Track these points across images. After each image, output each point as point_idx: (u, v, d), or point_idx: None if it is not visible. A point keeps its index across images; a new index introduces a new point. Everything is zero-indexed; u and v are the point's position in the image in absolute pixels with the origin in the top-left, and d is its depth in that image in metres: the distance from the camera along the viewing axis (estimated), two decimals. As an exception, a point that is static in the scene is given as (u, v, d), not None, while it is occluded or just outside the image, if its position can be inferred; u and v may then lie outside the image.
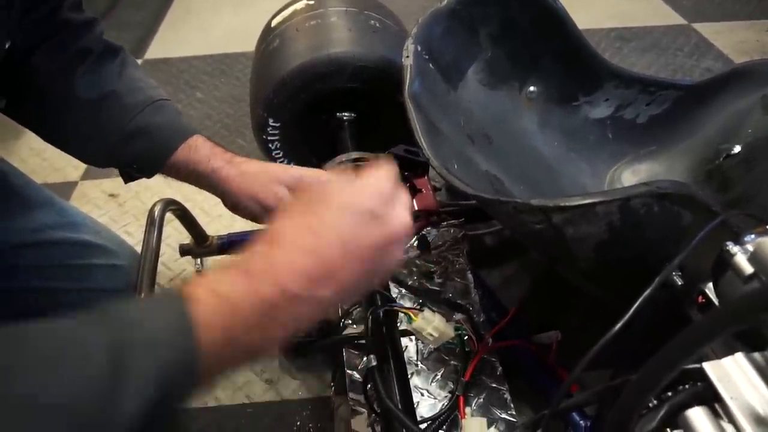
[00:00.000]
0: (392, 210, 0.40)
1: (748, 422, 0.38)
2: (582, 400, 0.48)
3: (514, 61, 0.88)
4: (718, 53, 1.57)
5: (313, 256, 0.36)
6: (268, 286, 0.35)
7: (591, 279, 0.61)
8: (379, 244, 0.38)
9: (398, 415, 0.50)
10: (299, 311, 0.36)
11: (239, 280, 0.35)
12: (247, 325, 0.34)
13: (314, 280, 0.36)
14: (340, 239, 0.37)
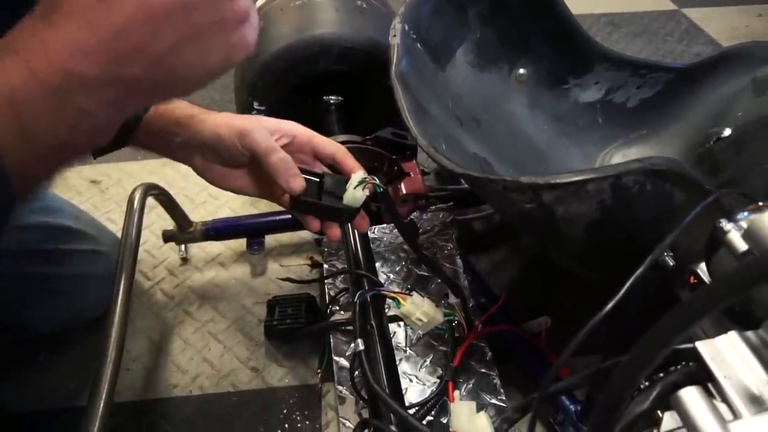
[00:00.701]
0: None
1: (742, 401, 0.37)
2: (572, 383, 0.47)
3: (503, 43, 0.86)
4: (708, 38, 1.56)
5: (93, 25, 0.29)
6: (47, 70, 0.29)
7: (581, 261, 0.60)
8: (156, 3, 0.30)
9: (386, 400, 0.49)
10: (104, 95, 0.31)
11: (15, 65, 0.29)
12: (44, 121, 0.30)
13: (102, 51, 0.30)
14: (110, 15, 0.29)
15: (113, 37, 0.30)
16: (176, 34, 0.31)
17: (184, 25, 0.31)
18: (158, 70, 0.31)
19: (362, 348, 0.55)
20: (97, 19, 0.30)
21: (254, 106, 0.90)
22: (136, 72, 0.31)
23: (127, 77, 0.31)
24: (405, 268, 0.83)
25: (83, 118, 0.31)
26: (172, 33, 0.31)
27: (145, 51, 0.30)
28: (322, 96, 0.92)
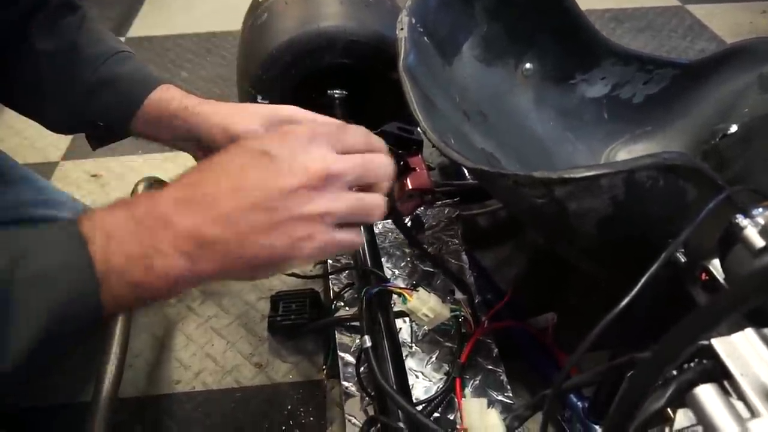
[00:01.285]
0: (298, 154, 0.37)
1: (759, 399, 0.37)
2: (585, 380, 0.47)
3: (510, 37, 0.86)
4: (711, 35, 1.55)
5: (195, 187, 0.36)
6: (146, 214, 0.35)
7: (591, 257, 0.60)
8: (276, 188, 0.36)
9: (393, 396, 0.48)
10: (182, 245, 0.35)
11: (121, 211, 0.35)
12: (127, 255, 0.34)
13: (194, 209, 0.35)
14: (226, 173, 0.37)
15: (207, 202, 0.35)
16: (261, 210, 0.36)
17: (274, 211, 0.36)
18: (235, 239, 0.35)
19: (369, 344, 0.54)
20: (199, 183, 0.36)
21: (258, 99, 0.89)
22: (216, 233, 0.35)
23: (206, 236, 0.35)
24: (410, 263, 0.82)
25: (159, 261, 0.34)
26: (254, 207, 0.36)
27: (229, 219, 0.35)
28: (326, 90, 0.91)
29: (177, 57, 1.50)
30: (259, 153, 0.37)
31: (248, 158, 0.37)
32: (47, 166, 1.14)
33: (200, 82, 1.39)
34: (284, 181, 0.36)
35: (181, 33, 1.60)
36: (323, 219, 0.37)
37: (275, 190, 0.36)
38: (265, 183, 0.36)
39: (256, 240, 0.36)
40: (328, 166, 0.37)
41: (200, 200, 0.35)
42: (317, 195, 0.37)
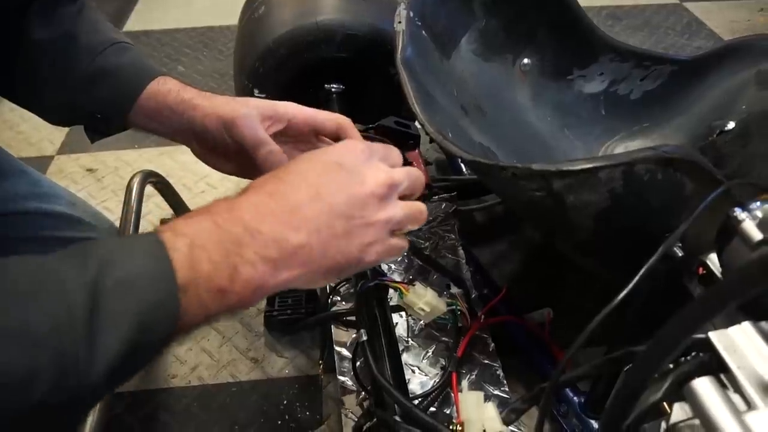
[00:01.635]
0: (364, 167, 0.40)
1: (756, 391, 0.37)
2: (581, 374, 0.47)
3: (508, 32, 0.85)
4: (709, 32, 1.56)
5: (276, 195, 0.37)
6: (229, 221, 0.35)
7: (588, 251, 0.60)
8: (354, 195, 0.38)
9: (390, 390, 0.48)
10: (267, 252, 0.35)
11: (202, 219, 0.35)
12: (213, 262, 0.33)
13: (278, 216, 0.36)
14: (305, 182, 0.38)
15: (290, 209, 0.36)
16: (338, 216, 0.37)
17: (349, 218, 0.38)
18: (318, 245, 0.37)
19: (365, 338, 0.54)
20: (279, 191, 0.37)
21: (254, 93, 0.89)
22: (301, 239, 0.36)
23: (291, 242, 0.36)
24: (406, 258, 0.82)
25: (244, 268, 0.34)
26: (333, 214, 0.37)
27: (313, 225, 0.36)
28: (323, 84, 0.91)
29: (174, 51, 1.49)
30: (333, 163, 0.39)
31: (323, 168, 0.39)
32: (42, 160, 1.13)
33: (197, 76, 1.39)
34: (359, 190, 0.39)
35: (178, 27, 1.59)
36: (386, 225, 0.40)
37: (353, 197, 0.38)
38: (343, 191, 0.38)
39: (337, 245, 0.38)
40: (391, 176, 0.40)
41: (283, 207, 0.36)
42: (384, 203, 0.40)
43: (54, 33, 0.55)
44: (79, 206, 0.79)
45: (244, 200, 0.37)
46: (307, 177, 0.38)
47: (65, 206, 0.75)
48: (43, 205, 0.72)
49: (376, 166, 0.41)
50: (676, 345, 0.30)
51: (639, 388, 0.32)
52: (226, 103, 0.54)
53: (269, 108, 0.54)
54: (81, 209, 0.78)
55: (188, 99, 0.55)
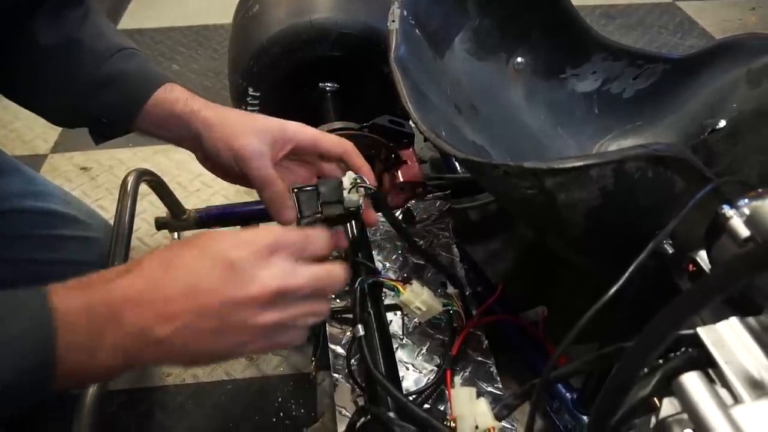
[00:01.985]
0: (257, 267, 0.39)
1: (743, 386, 0.37)
2: (573, 369, 0.47)
3: (501, 32, 0.86)
4: (701, 31, 1.57)
5: (154, 284, 0.37)
6: (100, 304, 0.36)
7: (580, 249, 0.60)
8: (230, 298, 0.38)
9: (386, 385, 0.49)
10: (126, 342, 0.36)
11: (78, 295, 0.36)
12: (78, 342, 0.35)
13: (148, 306, 0.36)
14: (187, 276, 0.38)
15: (162, 301, 0.37)
16: (209, 318, 0.37)
17: (219, 320, 0.38)
18: (179, 337, 0.37)
19: (362, 333, 0.54)
20: (158, 280, 0.37)
21: (249, 92, 0.89)
22: (164, 333, 0.36)
23: (153, 335, 0.36)
24: (401, 256, 0.82)
25: (101, 354, 0.35)
26: (204, 316, 0.37)
27: (179, 321, 0.36)
28: (317, 83, 0.91)
29: (168, 50, 1.49)
30: (224, 260, 0.38)
31: (211, 264, 0.38)
32: (35, 158, 1.13)
33: (191, 75, 1.39)
34: (239, 292, 0.38)
35: (173, 26, 1.59)
36: (267, 328, 0.39)
37: (229, 299, 0.38)
38: (221, 291, 0.38)
39: (199, 343, 0.38)
40: (284, 283, 0.39)
41: (156, 297, 0.37)
42: (267, 309, 0.39)
43: (60, 38, 0.56)
44: (73, 205, 0.79)
45: (121, 282, 0.37)
46: (190, 271, 0.38)
47: (60, 204, 0.75)
48: (38, 204, 0.72)
49: (273, 268, 0.39)
50: (663, 339, 0.31)
51: (627, 383, 0.32)
52: (237, 131, 0.54)
53: (278, 135, 0.55)
54: (75, 208, 0.78)
55: (197, 110, 0.55)
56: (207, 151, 0.56)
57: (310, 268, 0.42)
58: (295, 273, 0.40)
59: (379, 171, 0.77)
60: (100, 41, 0.57)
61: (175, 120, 0.56)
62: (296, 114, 0.93)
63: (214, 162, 0.56)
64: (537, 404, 0.45)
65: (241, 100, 0.90)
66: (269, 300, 0.38)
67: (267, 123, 0.55)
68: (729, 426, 0.35)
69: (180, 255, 0.39)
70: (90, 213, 0.83)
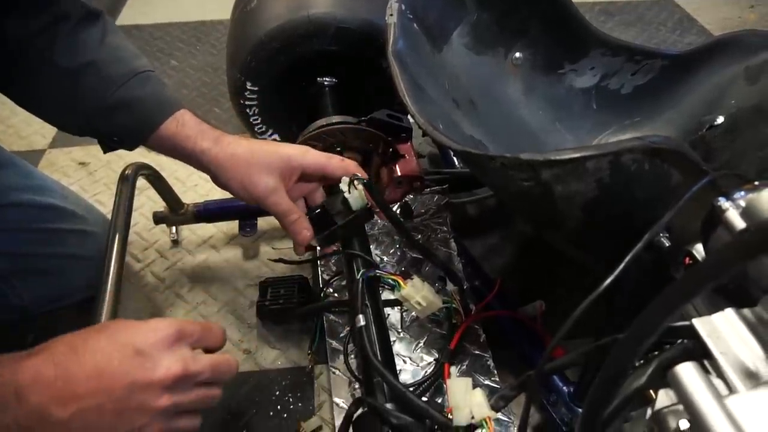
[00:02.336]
0: (162, 353, 0.42)
1: (738, 377, 0.38)
2: (569, 361, 0.47)
3: (500, 26, 0.86)
4: (700, 29, 1.57)
5: (60, 368, 0.39)
6: (6, 382, 0.38)
7: (578, 242, 0.60)
8: (136, 380, 0.41)
9: (383, 372, 0.49)
10: (25, 422, 0.38)
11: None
12: None
13: (51, 387, 0.38)
14: (93, 359, 0.40)
15: (65, 381, 0.39)
16: (113, 402, 0.40)
17: (122, 402, 0.40)
18: (80, 423, 0.39)
19: (363, 323, 0.55)
20: (65, 361, 0.39)
21: (247, 86, 0.89)
22: (63, 416, 0.38)
23: (52, 417, 0.38)
24: (399, 250, 0.83)
25: (3, 423, 0.37)
26: (108, 400, 0.40)
27: (81, 403, 0.39)
28: (315, 77, 0.91)
29: (167, 46, 1.49)
30: (131, 348, 0.41)
31: (119, 351, 0.41)
32: (33, 154, 1.12)
33: (190, 70, 1.38)
34: (145, 376, 0.41)
35: (171, 21, 1.59)
36: (167, 411, 0.42)
37: (134, 381, 0.41)
38: (127, 376, 0.41)
39: (99, 425, 0.40)
40: (186, 368, 0.43)
41: (60, 378, 0.39)
42: (168, 392, 0.42)
43: (79, 61, 0.57)
44: (71, 199, 0.79)
45: (31, 362, 0.39)
46: (97, 355, 0.40)
47: (58, 199, 0.75)
48: (36, 198, 0.72)
49: (176, 355, 0.43)
50: (656, 328, 0.31)
51: (621, 372, 0.32)
52: (251, 173, 0.58)
53: (285, 167, 0.60)
54: (73, 202, 0.79)
55: (206, 150, 0.59)
56: (220, 184, 0.61)
57: (210, 356, 0.46)
58: (196, 360, 0.44)
59: (377, 165, 0.77)
60: (117, 66, 0.59)
61: (185, 154, 0.60)
62: (294, 110, 0.94)
63: (228, 189, 0.61)
64: (533, 395, 0.46)
65: (239, 95, 0.90)
66: (171, 384, 0.42)
67: (271, 158, 0.59)
68: (724, 416, 0.35)
69: (88, 340, 0.42)
70: (88, 207, 0.83)
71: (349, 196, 0.61)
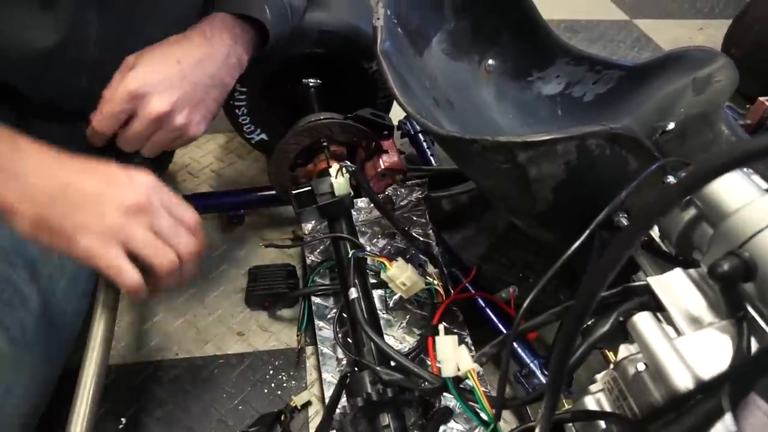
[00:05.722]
0: (135, 181, 0.49)
1: (685, 323, 0.44)
2: (541, 321, 0.53)
3: (475, 34, 0.93)
4: (656, 47, 1.69)
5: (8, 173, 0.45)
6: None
7: (548, 224, 0.67)
8: (104, 192, 0.47)
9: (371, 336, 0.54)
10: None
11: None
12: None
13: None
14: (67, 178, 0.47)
15: (14, 176, 0.44)
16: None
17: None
18: (32, 208, 0.45)
19: (356, 296, 0.59)
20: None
21: (236, 87, 0.93)
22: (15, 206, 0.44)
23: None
24: (381, 240, 0.88)
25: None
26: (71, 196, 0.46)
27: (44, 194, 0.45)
28: (301, 78, 0.96)
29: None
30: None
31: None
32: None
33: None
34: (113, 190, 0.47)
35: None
36: (113, 231, 0.46)
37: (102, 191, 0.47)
38: (96, 176, 0.47)
39: (53, 211, 0.45)
40: (148, 201, 0.48)
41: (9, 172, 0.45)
42: (130, 216, 0.47)
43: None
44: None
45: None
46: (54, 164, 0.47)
47: None
48: None
49: (143, 188, 0.48)
50: (605, 278, 0.34)
51: (580, 318, 0.36)
52: None
53: None
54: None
55: None
56: None
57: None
58: (159, 207, 0.49)
59: (361, 159, 0.82)
60: None
61: None
62: (281, 110, 0.99)
63: None
64: (509, 355, 0.51)
65: (228, 96, 0.94)
66: (129, 208, 0.46)
67: None
68: (673, 353, 0.41)
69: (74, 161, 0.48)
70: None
71: (335, 182, 0.66)
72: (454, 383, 0.50)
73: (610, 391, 0.46)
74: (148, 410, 0.70)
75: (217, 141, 1.13)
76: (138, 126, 0.57)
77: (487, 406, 0.48)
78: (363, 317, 0.57)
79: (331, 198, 0.68)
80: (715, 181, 0.46)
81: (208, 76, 0.61)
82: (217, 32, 0.63)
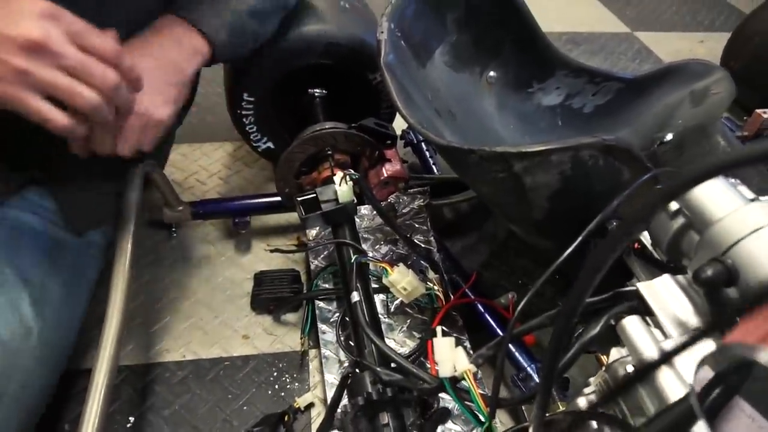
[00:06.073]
0: (29, 18, 0.43)
1: (672, 326, 0.46)
2: (536, 324, 0.55)
3: (476, 47, 0.95)
4: (656, 59, 1.71)
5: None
6: None
7: (544, 232, 0.69)
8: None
9: (375, 340, 0.56)
10: None
11: None
12: None
13: None
14: None
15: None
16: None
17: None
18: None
19: (358, 299, 0.61)
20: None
21: (244, 97, 0.96)
22: None
23: None
24: (383, 246, 0.90)
25: None
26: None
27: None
28: (307, 89, 0.99)
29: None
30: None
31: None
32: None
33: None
34: (1, 27, 0.43)
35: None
36: (23, 75, 0.44)
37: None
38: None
39: None
40: (47, 39, 0.44)
41: None
42: (26, 55, 0.43)
43: None
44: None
45: None
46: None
47: None
48: None
49: (42, 24, 0.43)
50: (592, 280, 0.36)
51: (569, 318, 0.38)
52: None
53: None
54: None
55: None
56: None
57: (81, 52, 0.46)
58: (62, 41, 0.44)
59: (364, 168, 0.85)
60: None
61: None
62: (287, 120, 1.01)
63: None
64: (505, 347, 0.52)
65: (237, 105, 0.97)
66: (28, 47, 0.43)
67: None
68: (660, 355, 0.43)
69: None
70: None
71: (339, 189, 0.69)
72: (451, 383, 0.52)
73: (602, 392, 0.48)
74: (155, 410, 0.72)
75: (225, 149, 1.16)
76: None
77: (483, 405, 0.50)
78: (364, 320, 0.59)
79: (335, 205, 0.70)
80: (701, 191, 0.49)
81: (156, 59, 0.60)
82: (167, 23, 0.63)
